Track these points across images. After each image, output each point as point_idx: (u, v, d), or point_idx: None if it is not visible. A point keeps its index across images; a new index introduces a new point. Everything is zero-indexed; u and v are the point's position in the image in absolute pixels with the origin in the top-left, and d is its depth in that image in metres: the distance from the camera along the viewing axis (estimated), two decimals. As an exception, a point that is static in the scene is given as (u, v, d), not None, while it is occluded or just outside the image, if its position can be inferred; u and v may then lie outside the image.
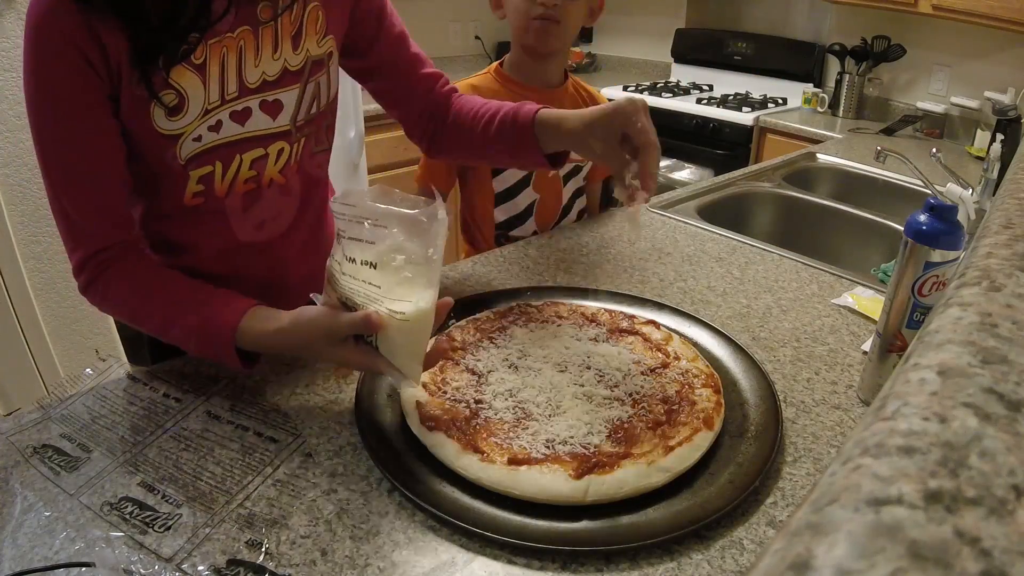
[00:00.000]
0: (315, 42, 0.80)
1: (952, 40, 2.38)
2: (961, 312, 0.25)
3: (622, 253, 1.14)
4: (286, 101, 0.79)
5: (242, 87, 0.74)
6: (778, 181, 1.67)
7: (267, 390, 0.76)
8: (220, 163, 0.76)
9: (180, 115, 0.71)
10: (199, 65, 0.71)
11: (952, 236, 0.69)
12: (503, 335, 0.82)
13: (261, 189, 0.82)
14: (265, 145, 0.79)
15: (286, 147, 0.81)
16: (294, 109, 0.80)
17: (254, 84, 0.75)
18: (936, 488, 0.17)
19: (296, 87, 0.79)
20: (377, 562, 0.55)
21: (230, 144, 0.76)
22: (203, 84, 0.71)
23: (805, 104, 2.72)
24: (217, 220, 0.82)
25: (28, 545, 0.55)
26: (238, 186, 0.80)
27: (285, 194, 0.86)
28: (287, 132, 0.80)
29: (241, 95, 0.74)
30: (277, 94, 0.77)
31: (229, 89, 0.73)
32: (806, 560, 0.15)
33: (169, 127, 0.71)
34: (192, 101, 0.71)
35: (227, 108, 0.74)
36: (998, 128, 1.82)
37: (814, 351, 0.86)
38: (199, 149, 0.74)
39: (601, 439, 0.64)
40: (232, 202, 0.81)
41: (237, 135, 0.76)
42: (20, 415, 0.71)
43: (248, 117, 0.76)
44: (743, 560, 0.55)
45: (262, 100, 0.76)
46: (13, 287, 1.79)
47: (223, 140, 0.75)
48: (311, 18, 0.78)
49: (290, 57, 0.77)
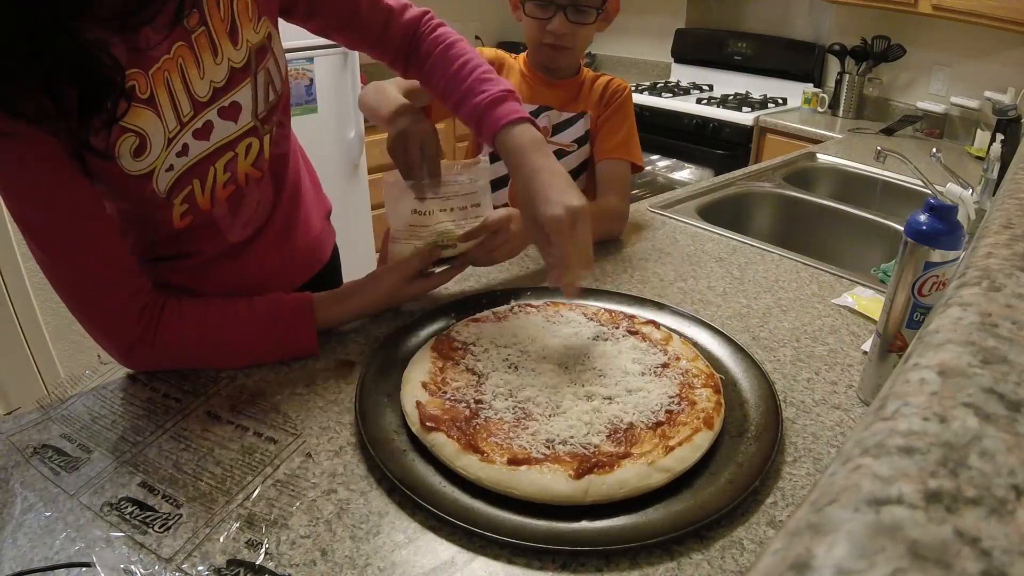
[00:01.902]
0: (251, 30, 0.75)
1: (952, 40, 2.38)
2: (961, 312, 0.25)
3: (622, 253, 1.14)
4: (242, 100, 0.76)
5: (195, 104, 0.72)
6: (778, 181, 1.67)
7: (267, 390, 0.76)
8: (197, 180, 0.76)
9: (145, 154, 0.70)
10: (148, 99, 0.68)
11: (952, 236, 0.69)
12: (503, 335, 0.82)
13: (240, 188, 0.82)
14: (233, 147, 0.78)
15: (254, 141, 0.80)
16: (252, 104, 0.78)
17: (205, 96, 0.72)
18: (936, 488, 0.17)
19: (247, 82, 0.76)
20: (377, 562, 0.55)
21: (201, 160, 0.75)
22: (158, 116, 0.69)
23: (805, 104, 2.72)
24: (208, 229, 0.82)
25: (28, 545, 0.55)
26: (219, 194, 0.80)
27: (262, 185, 0.86)
28: (253, 128, 0.79)
29: (197, 111, 0.72)
30: (231, 96, 0.75)
31: (184, 111, 0.71)
32: (806, 560, 0.15)
33: (139, 167, 0.70)
34: (153, 137, 0.69)
35: (188, 129, 0.72)
36: (998, 128, 1.82)
37: (814, 351, 0.86)
38: (174, 177, 0.73)
39: (601, 439, 0.64)
40: (219, 210, 0.81)
41: (205, 151, 0.75)
42: (20, 415, 0.71)
43: (211, 130, 0.74)
44: (743, 560, 0.55)
45: (219, 108, 0.74)
46: (13, 287, 1.79)
47: (194, 160, 0.74)
48: (241, 7, 0.73)
49: (232, 55, 0.74)
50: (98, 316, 0.73)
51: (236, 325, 0.78)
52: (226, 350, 0.78)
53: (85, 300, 0.73)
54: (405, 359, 0.79)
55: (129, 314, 0.73)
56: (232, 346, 0.78)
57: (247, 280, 0.87)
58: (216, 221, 0.82)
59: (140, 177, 0.71)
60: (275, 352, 0.80)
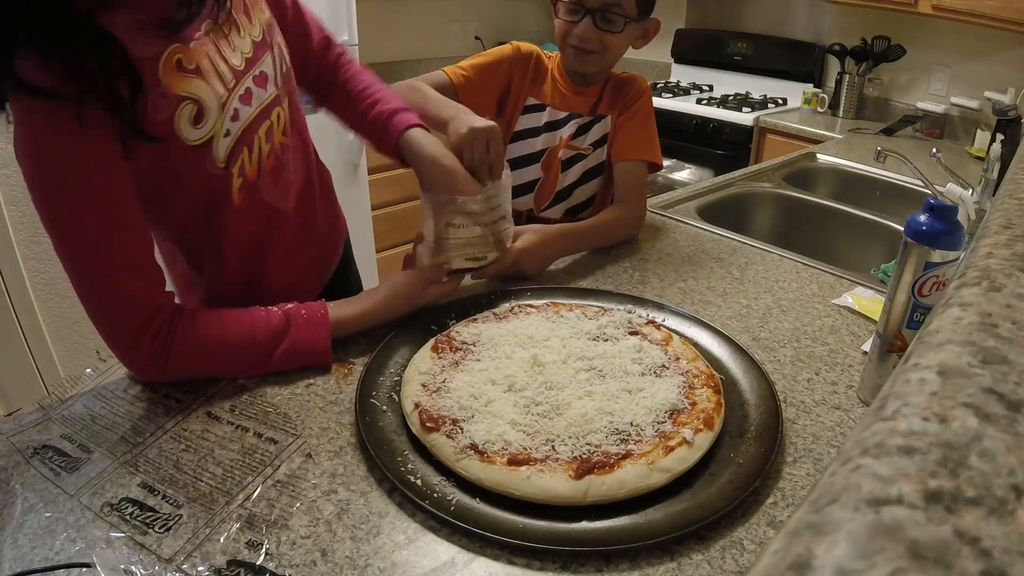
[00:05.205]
0: (260, 8, 0.83)
1: (952, 40, 2.38)
2: (961, 312, 0.25)
3: (622, 253, 1.14)
4: (267, 69, 0.81)
5: (235, 72, 0.77)
6: (778, 181, 1.67)
7: (267, 390, 0.76)
8: (246, 149, 0.79)
9: (204, 120, 0.73)
10: (194, 70, 0.72)
11: (952, 236, 0.69)
12: (503, 335, 0.82)
13: (279, 157, 0.85)
14: (268, 115, 0.82)
15: (280, 111, 0.84)
16: (274, 74, 0.83)
17: (240, 66, 0.78)
18: (936, 488, 0.17)
19: (268, 54, 0.82)
20: (377, 562, 0.55)
21: (249, 127, 0.79)
22: (207, 83, 0.73)
23: (805, 104, 2.72)
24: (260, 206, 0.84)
25: (28, 546, 0.55)
26: (264, 163, 0.82)
27: (295, 151, 0.89)
28: (277, 97, 0.83)
29: (237, 79, 0.77)
30: (259, 67, 0.80)
31: (227, 79, 0.76)
32: (806, 560, 0.15)
33: (198, 135, 0.73)
34: (207, 102, 0.73)
35: (235, 94, 0.76)
36: (998, 128, 1.82)
37: (814, 351, 0.86)
38: (231, 143, 0.77)
39: (601, 439, 0.64)
40: (265, 181, 0.83)
41: (251, 115, 0.79)
42: (21, 415, 0.71)
43: (251, 96, 0.79)
44: (743, 560, 0.55)
45: (253, 76, 0.79)
46: (13, 287, 1.79)
47: (245, 125, 0.78)
48: None
49: (251, 30, 0.80)
50: (119, 332, 0.73)
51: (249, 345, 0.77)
52: (239, 367, 0.77)
53: (109, 316, 0.72)
54: (405, 359, 0.79)
55: (145, 337, 0.72)
56: (245, 363, 0.77)
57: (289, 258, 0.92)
58: (263, 192, 0.84)
59: (200, 148, 0.73)
60: (288, 364, 0.79)
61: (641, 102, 1.20)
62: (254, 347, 0.77)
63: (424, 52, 3.12)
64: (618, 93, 1.21)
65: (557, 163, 1.22)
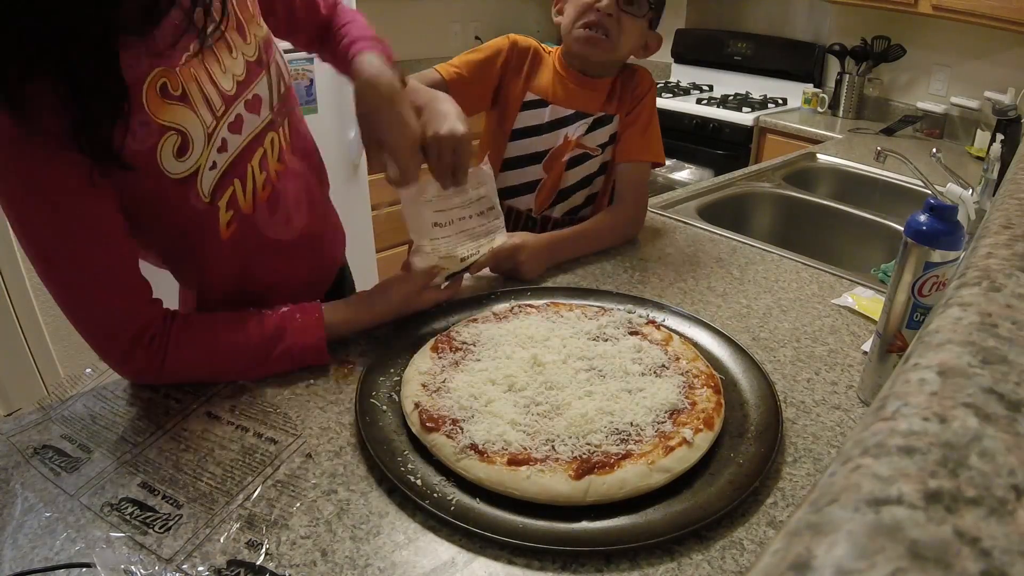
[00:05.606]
0: (256, 23, 0.78)
1: (952, 40, 2.38)
2: (961, 312, 0.25)
3: (622, 253, 1.14)
4: (261, 93, 0.77)
5: (224, 97, 0.72)
6: (778, 181, 1.67)
7: (267, 390, 0.76)
8: (238, 180, 0.76)
9: (188, 153, 0.69)
10: (181, 96, 0.68)
11: (952, 236, 0.69)
12: (503, 335, 0.82)
13: (275, 186, 0.82)
14: (261, 141, 0.78)
15: (275, 136, 0.81)
16: (269, 97, 0.79)
17: (231, 90, 0.73)
18: (936, 488, 0.17)
19: (263, 75, 0.78)
20: (377, 562, 0.55)
21: (239, 157, 0.75)
22: (193, 112, 0.69)
23: (805, 104, 2.72)
24: (253, 237, 0.81)
25: (28, 546, 0.55)
26: (259, 195, 0.79)
27: (293, 177, 0.86)
28: (271, 122, 0.80)
29: (227, 105, 0.73)
30: (252, 90, 0.76)
31: (215, 105, 0.71)
32: (806, 560, 0.15)
33: (182, 168, 0.69)
34: (193, 132, 0.69)
35: (223, 123, 0.73)
36: (998, 128, 1.82)
37: (814, 351, 0.86)
38: (217, 176, 0.73)
39: (601, 439, 0.64)
40: (260, 214, 0.80)
41: (241, 144, 0.75)
42: (21, 416, 0.71)
43: (241, 123, 0.75)
44: (743, 560, 0.55)
45: (244, 101, 0.75)
46: (13, 287, 1.79)
47: (234, 155, 0.74)
48: (240, 3, 0.75)
49: (244, 49, 0.75)
50: (109, 348, 0.72)
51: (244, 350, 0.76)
52: (235, 370, 0.77)
53: (99, 334, 0.72)
54: (405, 359, 0.79)
55: (138, 347, 0.72)
56: (240, 368, 0.77)
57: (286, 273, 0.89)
58: (259, 226, 0.81)
59: (183, 181, 0.70)
60: (285, 365, 0.78)
61: (647, 100, 1.19)
62: (249, 351, 0.76)
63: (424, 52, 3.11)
64: (625, 89, 1.20)
65: (560, 163, 1.21)
